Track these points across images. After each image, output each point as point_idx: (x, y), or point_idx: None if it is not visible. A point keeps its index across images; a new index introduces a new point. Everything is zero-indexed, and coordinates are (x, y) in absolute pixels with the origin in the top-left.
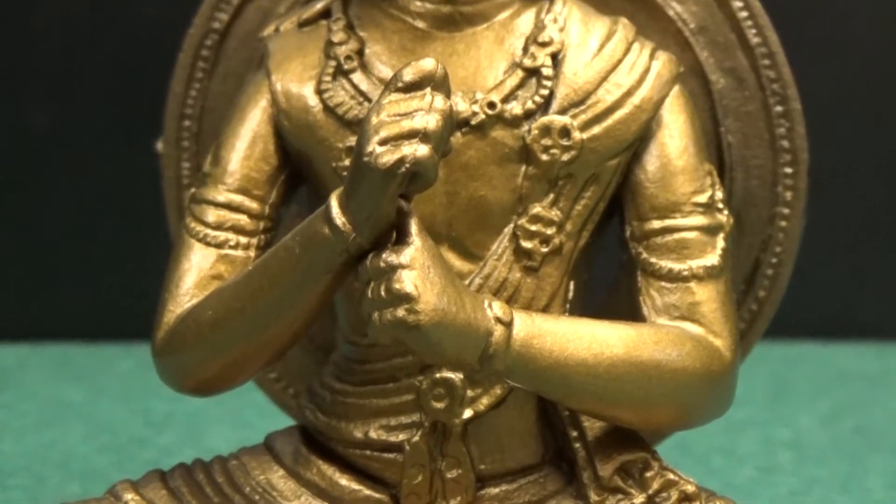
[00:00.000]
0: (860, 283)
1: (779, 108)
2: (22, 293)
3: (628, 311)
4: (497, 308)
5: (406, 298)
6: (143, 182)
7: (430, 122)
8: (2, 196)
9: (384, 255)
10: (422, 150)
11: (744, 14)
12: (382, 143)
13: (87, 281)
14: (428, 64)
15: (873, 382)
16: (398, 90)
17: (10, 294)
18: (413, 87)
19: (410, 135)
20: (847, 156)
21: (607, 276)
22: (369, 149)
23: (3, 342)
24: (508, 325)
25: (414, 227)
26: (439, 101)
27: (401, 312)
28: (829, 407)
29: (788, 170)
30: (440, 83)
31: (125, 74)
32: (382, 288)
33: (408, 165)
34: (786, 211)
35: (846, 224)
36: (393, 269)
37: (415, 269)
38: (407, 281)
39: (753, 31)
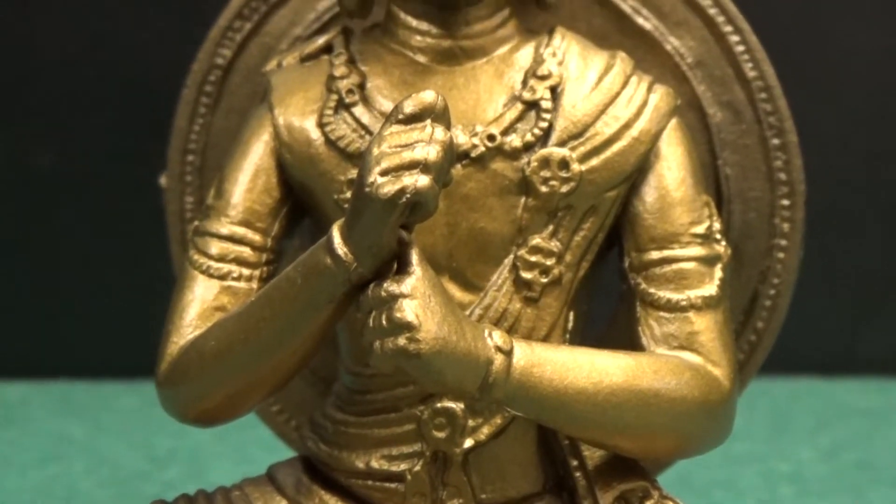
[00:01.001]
0: (862, 319)
1: (776, 141)
2: (25, 331)
3: (627, 342)
4: (497, 337)
5: (407, 327)
6: (146, 220)
7: (431, 153)
8: (4, 235)
9: (385, 285)
10: (422, 180)
11: (741, 48)
12: (384, 173)
13: (89, 319)
14: (428, 96)
15: (875, 417)
16: (399, 122)
17: (13, 332)
18: (414, 118)
19: (411, 165)
20: (848, 190)
21: (607, 310)
22: (371, 179)
23: (7, 379)
24: (508, 353)
25: (415, 257)
26: (440, 133)
27: (402, 341)
28: (830, 441)
29: (786, 202)
30: (440, 115)
31: (128, 112)
32: (384, 317)
33: (409, 196)
34: (783, 242)
35: (848, 260)
36: (394, 298)
37: (416, 299)
38: (408, 310)
39: (750, 64)
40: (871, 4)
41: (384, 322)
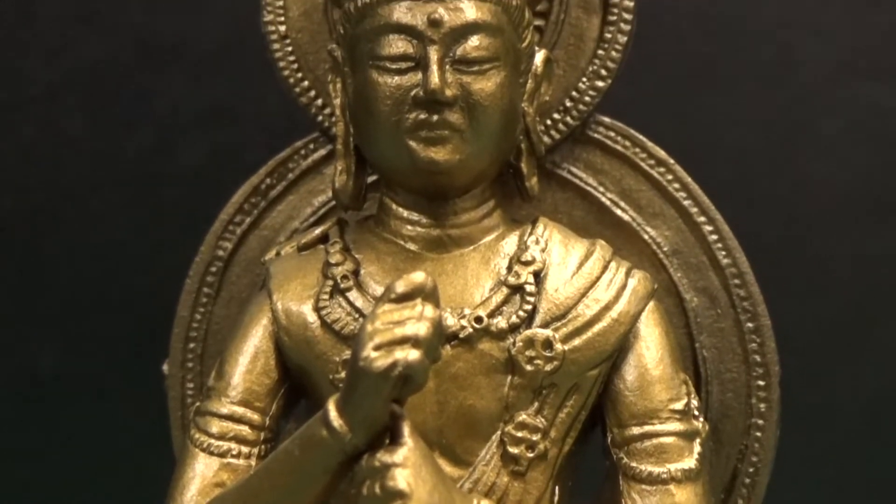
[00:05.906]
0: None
1: (750, 325)
2: None
3: None
4: None
5: (399, 495)
6: (148, 422)
7: (421, 329)
8: (6, 435)
9: (378, 455)
10: (413, 354)
11: (714, 237)
12: (377, 348)
13: None
14: (418, 277)
15: None
16: (391, 301)
17: None
18: (405, 297)
19: (403, 341)
20: (829, 381)
21: (591, 487)
22: (364, 353)
23: None
24: None
25: (406, 429)
26: (429, 311)
27: None
28: None
29: (761, 382)
30: (430, 294)
31: (128, 316)
32: (377, 486)
33: (400, 369)
34: (760, 422)
35: (829, 452)
36: (387, 467)
37: (407, 468)
38: (400, 478)
39: (723, 253)
40: (844, 210)
41: (377, 490)
